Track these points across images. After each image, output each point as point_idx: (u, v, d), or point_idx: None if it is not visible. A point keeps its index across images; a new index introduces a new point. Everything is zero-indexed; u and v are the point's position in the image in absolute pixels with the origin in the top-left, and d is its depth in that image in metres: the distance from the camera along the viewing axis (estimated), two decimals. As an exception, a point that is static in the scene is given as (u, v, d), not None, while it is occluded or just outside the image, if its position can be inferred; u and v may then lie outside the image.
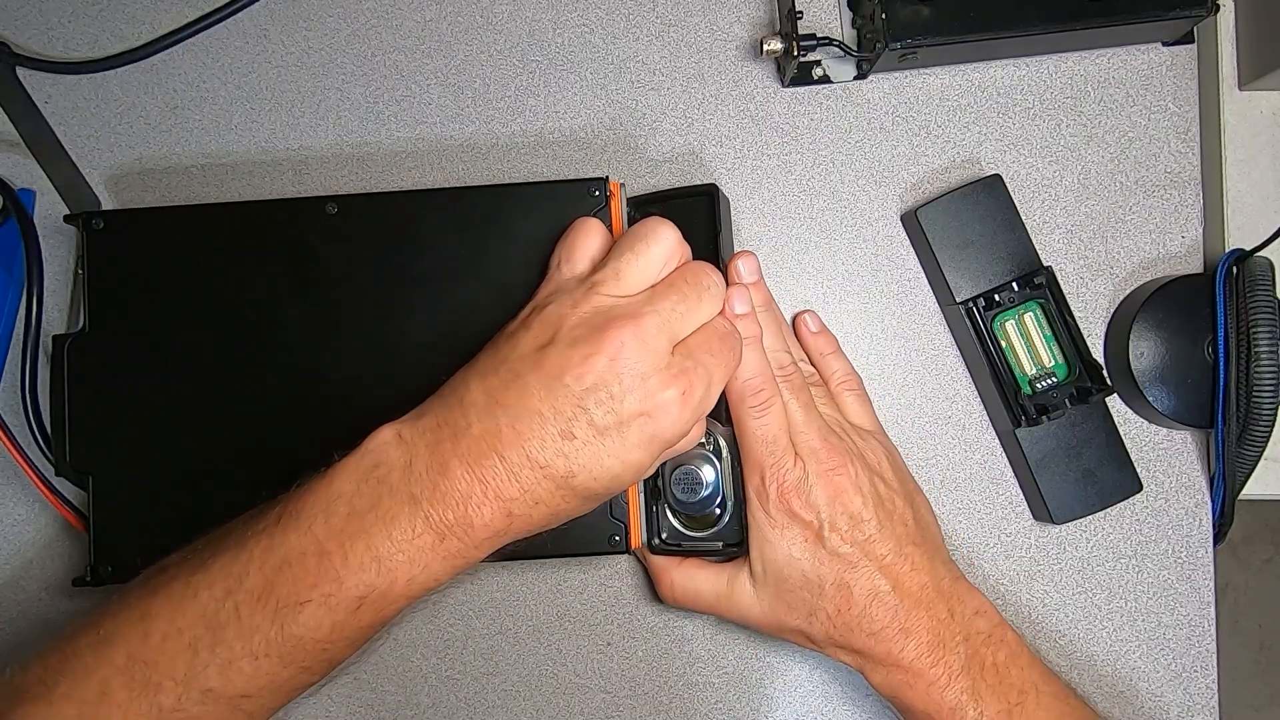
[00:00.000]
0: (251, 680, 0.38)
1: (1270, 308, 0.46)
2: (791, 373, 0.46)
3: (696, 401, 0.39)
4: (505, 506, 0.38)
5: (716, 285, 0.42)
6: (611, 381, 0.38)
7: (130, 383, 0.47)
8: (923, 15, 0.48)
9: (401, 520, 0.37)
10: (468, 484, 0.38)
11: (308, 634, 0.37)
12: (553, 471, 0.38)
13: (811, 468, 0.44)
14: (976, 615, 0.44)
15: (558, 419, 0.38)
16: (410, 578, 0.38)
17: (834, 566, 0.44)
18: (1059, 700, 0.44)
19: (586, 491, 0.39)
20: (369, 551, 0.37)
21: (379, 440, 0.39)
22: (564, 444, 0.38)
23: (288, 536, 0.38)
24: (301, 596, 0.37)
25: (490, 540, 0.39)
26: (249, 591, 0.37)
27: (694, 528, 0.47)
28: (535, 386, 0.38)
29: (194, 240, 0.48)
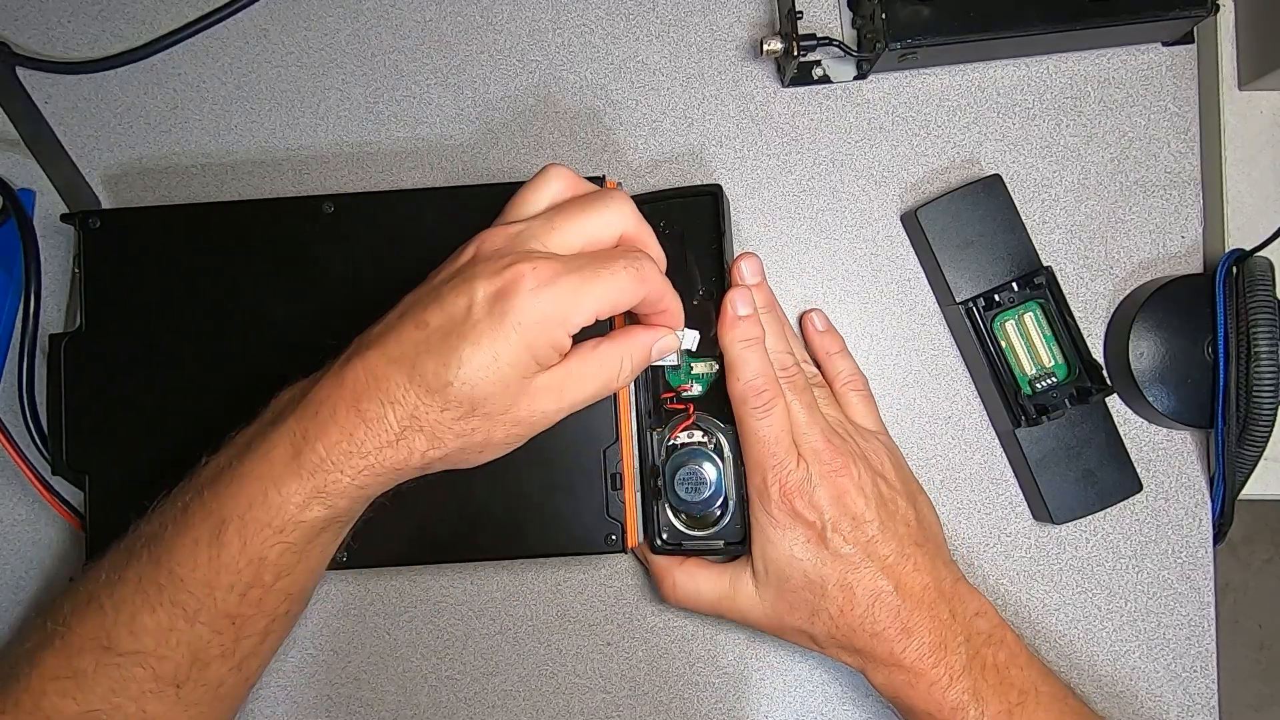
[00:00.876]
0: (156, 636, 0.38)
1: (1270, 308, 0.46)
2: (794, 373, 0.46)
3: (558, 292, 0.37)
4: (356, 404, 0.37)
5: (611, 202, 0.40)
6: (465, 270, 0.38)
7: (127, 382, 0.47)
8: (923, 15, 0.48)
9: (261, 440, 0.38)
10: (328, 391, 0.38)
11: (185, 572, 0.38)
12: (404, 362, 0.37)
13: (814, 468, 0.44)
14: (977, 616, 0.44)
15: (414, 313, 0.38)
16: (265, 496, 0.37)
17: (836, 567, 0.44)
18: (1058, 700, 0.44)
19: (439, 384, 0.37)
20: (232, 475, 0.38)
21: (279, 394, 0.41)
22: (416, 333, 0.37)
23: (183, 486, 0.40)
24: (179, 532, 0.38)
25: (348, 450, 0.37)
26: (142, 541, 0.39)
27: (695, 527, 0.47)
28: (406, 299, 0.40)
29: (190, 239, 0.48)
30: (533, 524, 0.47)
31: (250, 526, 0.38)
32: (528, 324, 0.37)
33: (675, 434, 0.47)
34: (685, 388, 0.48)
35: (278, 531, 0.38)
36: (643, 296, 0.40)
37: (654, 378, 0.48)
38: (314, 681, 0.51)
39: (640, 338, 0.41)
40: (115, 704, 0.38)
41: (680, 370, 0.48)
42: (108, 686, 0.38)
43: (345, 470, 0.38)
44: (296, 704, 0.51)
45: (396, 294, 0.47)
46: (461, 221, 0.47)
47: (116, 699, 0.38)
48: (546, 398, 0.39)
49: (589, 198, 0.41)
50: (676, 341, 0.43)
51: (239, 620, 0.39)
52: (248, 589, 0.38)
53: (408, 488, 0.41)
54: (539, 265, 0.37)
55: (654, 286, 0.40)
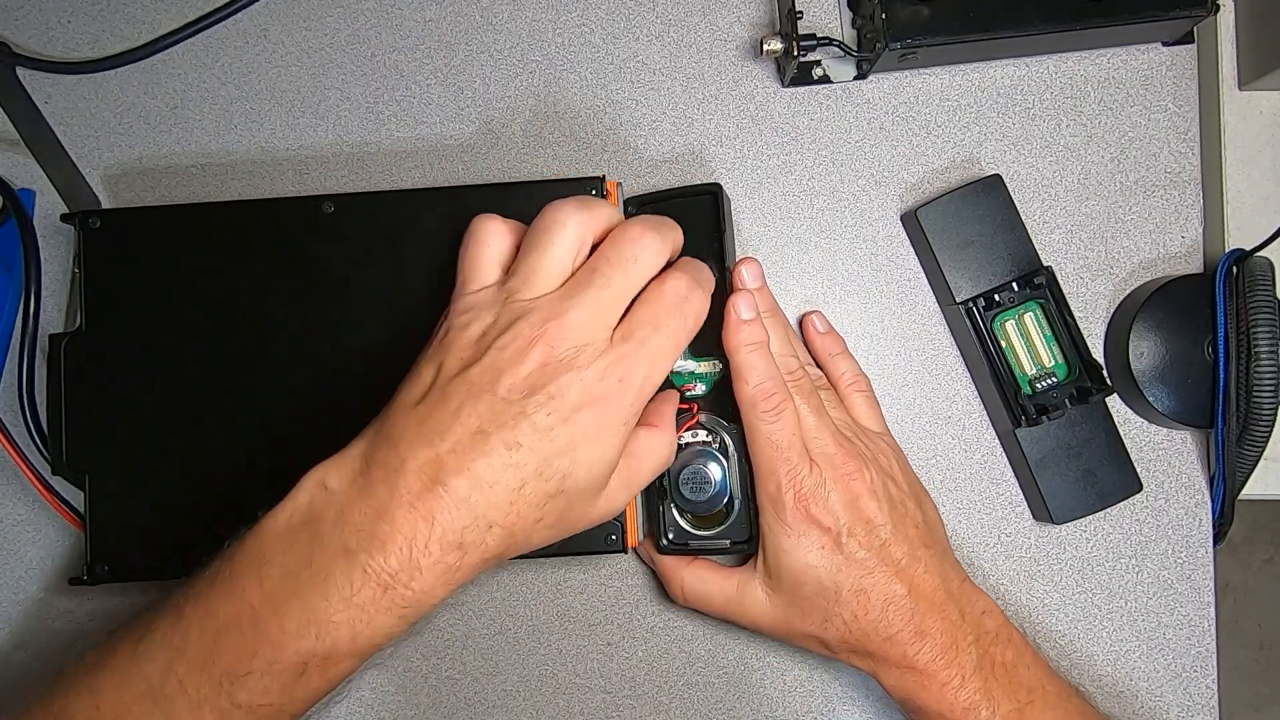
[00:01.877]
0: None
1: (1270, 308, 0.46)
2: (800, 377, 0.46)
3: (640, 382, 0.38)
4: (456, 538, 0.35)
5: (648, 248, 0.39)
6: (547, 382, 0.36)
7: (127, 382, 0.47)
8: (923, 15, 0.48)
9: (336, 576, 0.35)
10: (411, 524, 0.35)
11: (256, 700, 0.35)
12: (503, 487, 0.35)
13: (827, 473, 0.44)
14: (984, 615, 0.45)
15: (500, 432, 0.35)
16: (354, 635, 0.35)
17: (851, 573, 0.43)
18: (1064, 698, 0.44)
19: (541, 499, 0.36)
20: (305, 614, 0.35)
21: (305, 491, 0.37)
22: (510, 455, 0.35)
23: (221, 601, 0.36)
24: (243, 667, 0.35)
25: (444, 579, 0.36)
26: (190, 662, 0.35)
27: (701, 526, 0.47)
28: (469, 405, 0.36)
29: (190, 239, 0.48)
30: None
31: (334, 661, 0.36)
32: (623, 424, 0.38)
33: (680, 433, 0.47)
34: (689, 387, 0.48)
35: (357, 656, 0.36)
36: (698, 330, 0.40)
37: None
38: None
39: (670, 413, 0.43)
40: None
41: (684, 371, 0.48)
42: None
43: (439, 594, 0.36)
44: (296, 704, 0.51)
45: (397, 294, 0.47)
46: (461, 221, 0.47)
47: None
48: (619, 495, 0.40)
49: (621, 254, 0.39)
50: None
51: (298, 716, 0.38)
52: (317, 701, 0.37)
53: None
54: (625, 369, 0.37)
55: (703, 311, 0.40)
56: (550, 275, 0.39)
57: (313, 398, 0.47)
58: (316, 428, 0.46)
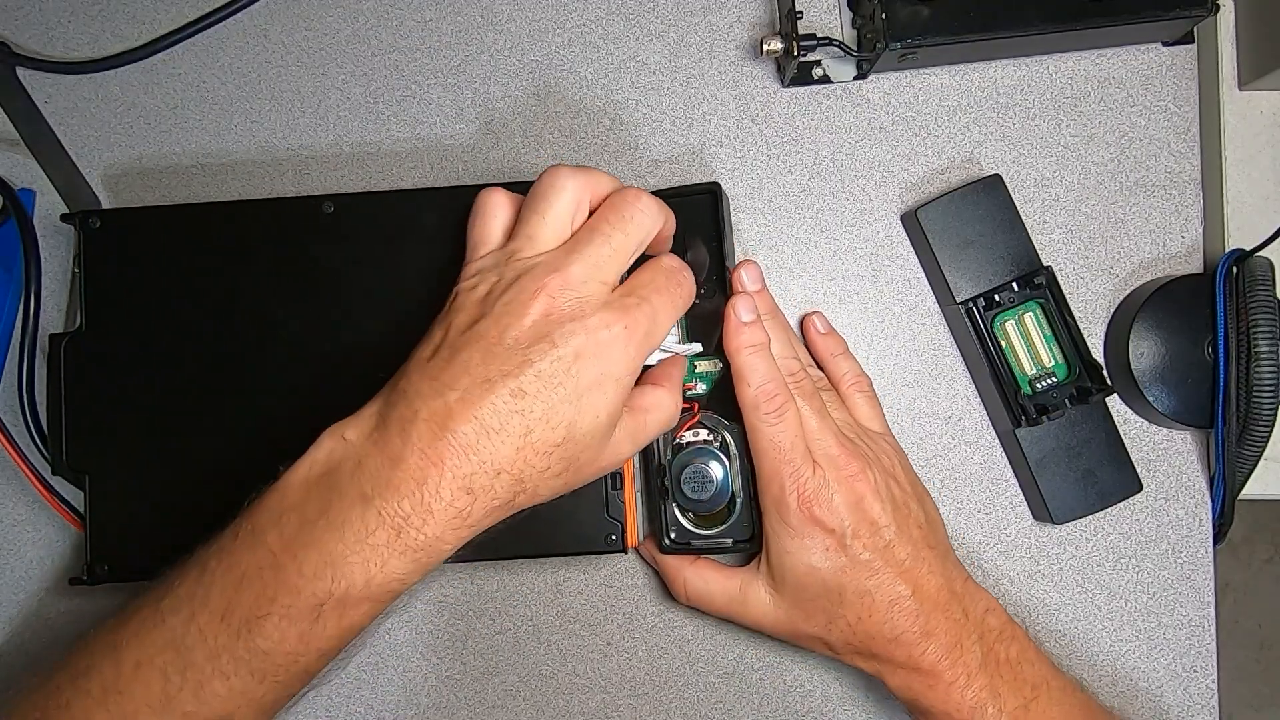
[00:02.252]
0: (227, 701, 0.37)
1: (1270, 308, 0.46)
2: (802, 378, 0.46)
3: (642, 335, 0.39)
4: (464, 483, 0.36)
5: (644, 212, 0.41)
6: (550, 331, 0.37)
7: (127, 382, 0.47)
8: (923, 15, 0.48)
9: (353, 521, 0.36)
10: (422, 470, 0.36)
11: (274, 647, 0.37)
12: (510, 433, 0.37)
13: (831, 474, 0.44)
14: (988, 613, 0.45)
15: (505, 380, 0.37)
16: (368, 578, 0.36)
17: (855, 574, 0.43)
18: (1068, 693, 0.44)
19: (548, 447, 0.37)
20: (322, 557, 0.36)
21: (324, 445, 0.38)
22: (516, 402, 0.36)
23: (243, 553, 0.37)
24: (261, 610, 0.36)
25: (454, 524, 0.37)
26: (211, 612, 0.37)
27: (703, 526, 0.47)
28: (477, 357, 0.37)
29: (190, 239, 0.48)
30: (533, 524, 0.47)
31: (348, 605, 0.37)
32: (624, 376, 0.39)
33: (681, 433, 0.47)
34: (690, 387, 0.48)
35: (375, 602, 0.38)
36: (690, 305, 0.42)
37: None
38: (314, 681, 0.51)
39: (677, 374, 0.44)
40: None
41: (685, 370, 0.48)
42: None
43: (450, 541, 0.37)
44: (296, 704, 0.51)
45: (397, 293, 0.47)
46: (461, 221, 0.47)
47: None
48: (625, 445, 0.41)
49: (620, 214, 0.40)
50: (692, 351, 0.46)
51: (314, 674, 0.39)
52: (333, 650, 0.38)
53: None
54: (627, 320, 0.39)
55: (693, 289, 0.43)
56: (550, 235, 0.40)
57: (313, 397, 0.47)
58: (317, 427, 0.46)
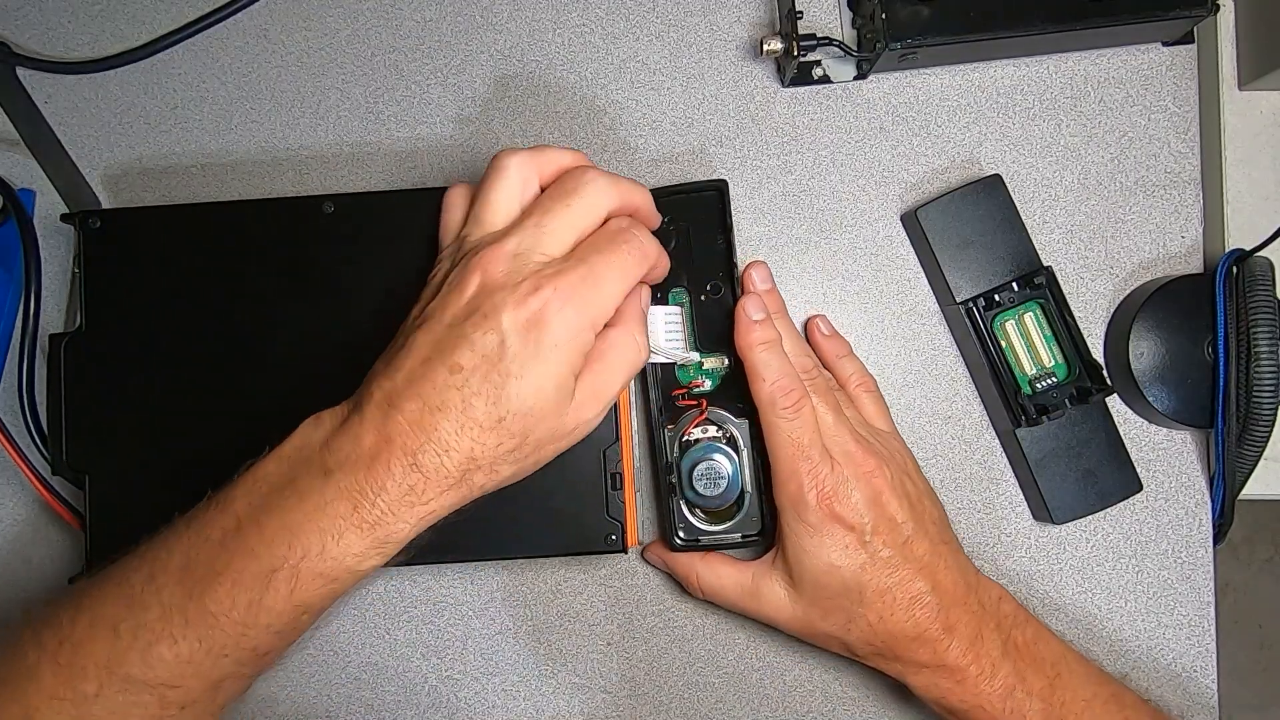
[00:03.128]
0: (174, 668, 0.37)
1: (1270, 308, 0.46)
2: (815, 376, 0.47)
3: (579, 298, 0.38)
4: (412, 459, 0.37)
5: (588, 186, 0.40)
6: (482, 303, 0.38)
7: (126, 382, 0.47)
8: (923, 15, 0.48)
9: (314, 492, 0.37)
10: (375, 445, 0.37)
11: (222, 611, 0.37)
12: (450, 409, 0.37)
13: (849, 471, 0.44)
14: (1000, 601, 0.45)
15: (443, 357, 0.37)
16: (323, 549, 0.37)
17: (876, 572, 0.43)
18: (1084, 664, 0.45)
19: (490, 421, 0.37)
20: (281, 522, 0.37)
21: (302, 428, 0.39)
22: (453, 377, 0.37)
23: (211, 516, 0.38)
24: (216, 569, 0.37)
25: (409, 502, 0.37)
26: (169, 571, 0.37)
27: (712, 522, 0.47)
28: (421, 339, 0.38)
29: (190, 239, 0.48)
30: (533, 524, 0.47)
31: (302, 577, 0.37)
32: (564, 342, 0.38)
33: (689, 430, 0.47)
34: (697, 383, 0.48)
35: (328, 581, 0.37)
36: (647, 267, 0.41)
37: (665, 375, 0.48)
38: (314, 681, 0.51)
39: (632, 309, 0.42)
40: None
41: (690, 367, 0.48)
42: (110, 710, 0.37)
43: (407, 520, 0.38)
44: (296, 704, 0.51)
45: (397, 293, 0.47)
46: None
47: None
48: (588, 405, 0.40)
49: (564, 189, 0.40)
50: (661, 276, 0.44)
51: (265, 654, 0.39)
52: (284, 628, 0.38)
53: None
54: (558, 282, 0.38)
55: (651, 250, 0.41)
56: (496, 216, 0.41)
57: (313, 397, 0.47)
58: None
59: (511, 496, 0.47)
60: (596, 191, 0.40)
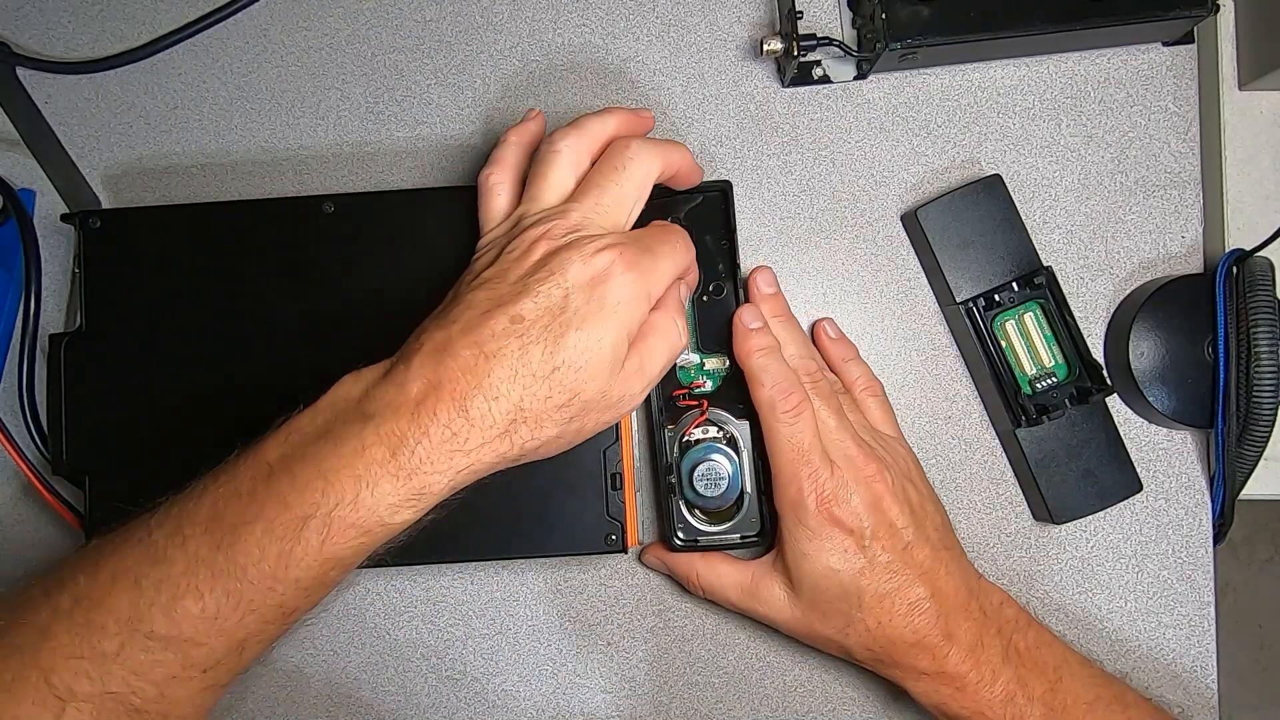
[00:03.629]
0: (198, 623, 0.36)
1: (1270, 308, 0.46)
2: (819, 379, 0.47)
3: (641, 271, 0.39)
4: (460, 404, 0.36)
5: (636, 158, 0.42)
6: (549, 262, 0.39)
7: (126, 382, 0.47)
8: (923, 15, 0.48)
9: (351, 437, 0.36)
10: (422, 390, 0.37)
11: (251, 563, 0.36)
12: (506, 356, 0.37)
13: (849, 475, 0.44)
14: (1003, 606, 0.45)
15: (505, 308, 0.38)
16: (356, 496, 0.36)
17: (875, 577, 0.43)
18: (1086, 665, 0.45)
19: (546, 370, 0.37)
20: (315, 469, 0.36)
21: (342, 382, 0.39)
22: (513, 326, 0.37)
23: (241, 469, 0.37)
24: (246, 519, 0.36)
25: (450, 450, 0.37)
26: (196, 523, 0.36)
27: (711, 523, 0.47)
28: (480, 296, 0.39)
29: (190, 239, 0.48)
30: (533, 524, 0.47)
31: (335, 525, 0.36)
32: (624, 304, 0.39)
33: (689, 430, 0.47)
34: (697, 384, 0.48)
35: (361, 533, 0.36)
36: (690, 261, 0.43)
37: (666, 375, 0.48)
38: (314, 681, 0.51)
39: (674, 297, 0.43)
40: (134, 686, 0.36)
41: (691, 367, 0.48)
42: (131, 668, 0.35)
43: (444, 470, 0.37)
44: (296, 704, 0.51)
45: (397, 293, 0.47)
46: (461, 221, 0.47)
47: (137, 682, 0.36)
48: (634, 379, 0.40)
49: (614, 164, 0.42)
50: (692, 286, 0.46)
51: (291, 612, 0.37)
52: (313, 585, 0.37)
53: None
54: (622, 249, 0.39)
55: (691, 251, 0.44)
56: (553, 194, 0.42)
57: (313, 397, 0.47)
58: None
59: (512, 496, 0.47)
60: (643, 161, 0.42)
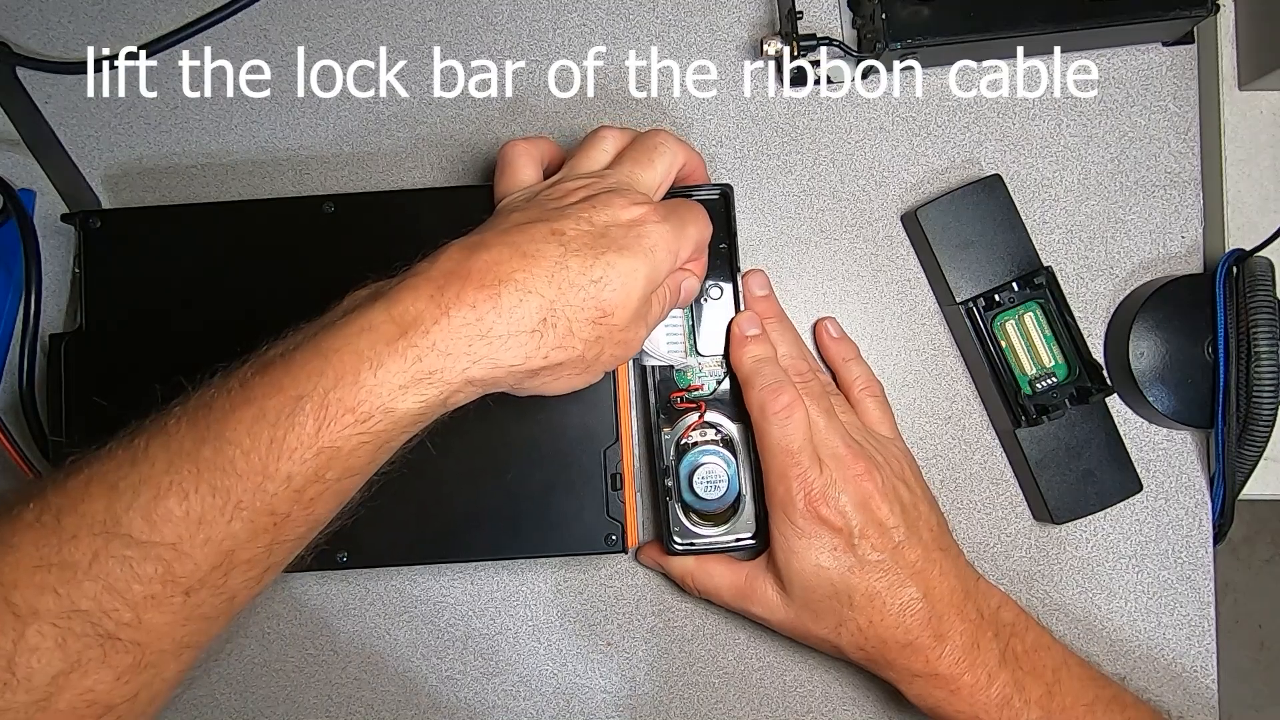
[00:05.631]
0: (182, 527, 0.32)
1: (1270, 308, 0.46)
2: (810, 380, 0.47)
3: (671, 228, 0.40)
4: (491, 292, 0.35)
5: (665, 146, 0.44)
6: (594, 200, 0.39)
7: (127, 382, 0.47)
8: (923, 15, 0.48)
9: (358, 316, 0.34)
10: (444, 276, 0.35)
11: (240, 453, 0.32)
12: (545, 258, 0.37)
13: (837, 474, 0.44)
14: (1001, 608, 0.45)
15: (545, 223, 0.38)
16: (357, 375, 0.33)
17: (864, 576, 0.43)
18: (1084, 668, 0.45)
19: (584, 281, 0.37)
20: (314, 349, 0.34)
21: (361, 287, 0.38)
22: (554, 235, 0.37)
23: (235, 369, 0.35)
24: (235, 405, 0.33)
25: (469, 337, 0.35)
26: (181, 418, 0.33)
27: (707, 526, 0.47)
28: (518, 215, 0.39)
29: (191, 239, 0.48)
30: (533, 524, 0.47)
31: (332, 408, 0.33)
32: (658, 250, 0.39)
33: (687, 433, 0.47)
34: (695, 386, 0.48)
35: (361, 420, 0.34)
36: (708, 238, 0.44)
37: (664, 378, 0.48)
38: (314, 681, 0.51)
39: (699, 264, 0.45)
40: (107, 606, 0.32)
41: (689, 370, 0.48)
42: (104, 583, 0.31)
43: (460, 357, 0.35)
44: (296, 704, 0.51)
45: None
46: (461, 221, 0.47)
47: (110, 600, 0.32)
48: (655, 306, 0.41)
49: (646, 147, 0.44)
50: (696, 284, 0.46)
51: (282, 522, 0.34)
52: (306, 484, 0.34)
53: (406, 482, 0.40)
54: (658, 206, 0.40)
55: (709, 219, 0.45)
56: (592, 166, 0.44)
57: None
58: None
59: (512, 496, 0.47)
60: (672, 149, 0.44)
